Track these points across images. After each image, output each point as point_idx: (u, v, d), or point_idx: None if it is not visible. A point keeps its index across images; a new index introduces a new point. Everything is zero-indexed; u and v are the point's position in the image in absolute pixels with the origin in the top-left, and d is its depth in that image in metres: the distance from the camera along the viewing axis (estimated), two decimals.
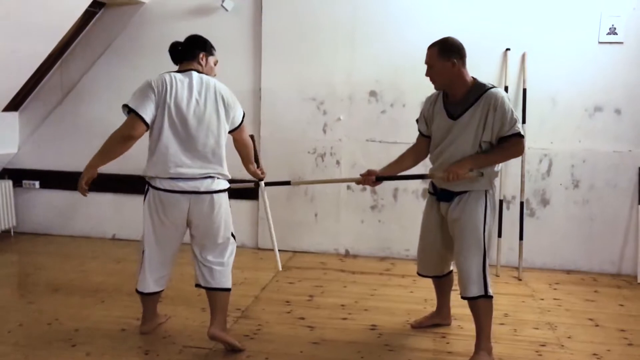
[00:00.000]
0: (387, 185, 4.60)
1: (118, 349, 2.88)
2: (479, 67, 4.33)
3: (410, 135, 4.44)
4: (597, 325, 3.34)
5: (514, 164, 4.36)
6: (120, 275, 4.04)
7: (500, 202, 4.36)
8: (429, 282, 4.02)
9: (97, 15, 4.77)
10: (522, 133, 2.64)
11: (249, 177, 3.33)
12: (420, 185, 4.54)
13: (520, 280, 4.15)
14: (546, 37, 4.28)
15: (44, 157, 5.07)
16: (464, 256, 2.72)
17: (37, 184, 5.10)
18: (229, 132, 2.86)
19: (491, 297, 2.75)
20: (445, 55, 2.67)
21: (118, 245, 4.87)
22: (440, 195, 2.87)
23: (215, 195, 2.77)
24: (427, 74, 2.79)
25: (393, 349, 2.97)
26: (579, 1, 4.21)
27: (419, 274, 3.15)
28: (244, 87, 4.68)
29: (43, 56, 4.24)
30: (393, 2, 4.44)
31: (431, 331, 3.19)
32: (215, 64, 2.93)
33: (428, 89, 4.38)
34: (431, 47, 2.75)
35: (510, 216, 4.39)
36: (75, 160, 5.02)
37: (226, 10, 4.55)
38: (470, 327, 3.24)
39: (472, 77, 2.75)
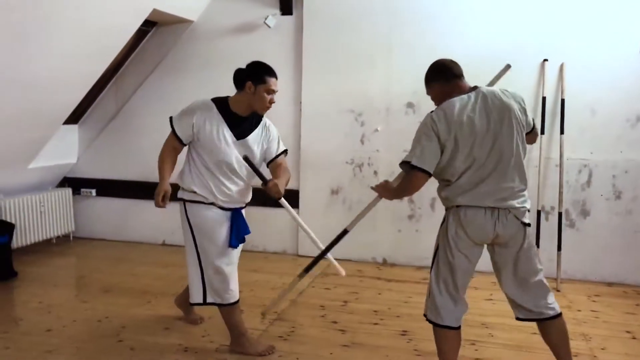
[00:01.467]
0: (425, 195, 4.66)
1: (160, 345, 3.09)
2: (517, 78, 4.36)
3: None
4: (634, 338, 3.29)
5: (552, 174, 4.35)
6: (167, 279, 4.27)
7: (539, 212, 4.35)
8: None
9: (149, 34, 5.09)
10: (413, 163, 2.41)
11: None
12: None
13: (558, 291, 4.10)
14: (585, 47, 4.25)
15: (100, 166, 5.42)
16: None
17: (93, 192, 5.45)
18: None
19: (433, 323, 2.55)
20: (426, 84, 2.65)
21: (167, 251, 5.13)
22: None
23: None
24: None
25: (421, 354, 3.04)
26: (618, 10, 4.16)
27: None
28: (285, 100, 4.86)
29: (99, 73, 4.55)
30: (429, 15, 4.52)
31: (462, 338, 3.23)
32: (268, 92, 2.80)
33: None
34: None
35: (549, 227, 4.36)
36: (128, 169, 5.38)
37: (269, 27, 4.76)
38: (500, 335, 3.30)
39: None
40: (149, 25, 4.96)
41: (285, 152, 3.10)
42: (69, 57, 4.04)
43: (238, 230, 2.97)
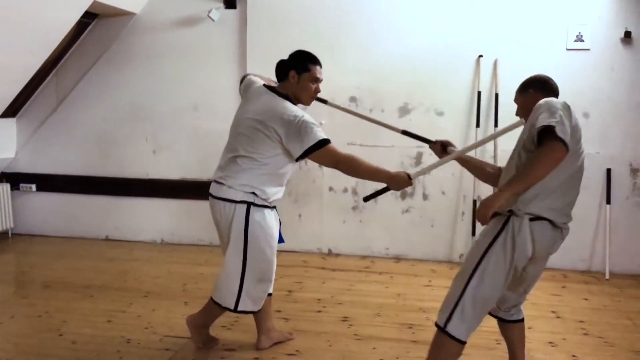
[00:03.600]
0: (368, 187, 4.79)
1: (102, 338, 3.08)
2: (454, 72, 4.59)
3: (389, 138, 4.70)
4: (558, 317, 3.52)
5: None
6: (110, 273, 4.24)
7: (474, 202, 4.55)
8: (405, 279, 4.27)
9: (90, 26, 5.00)
10: (558, 134, 2.05)
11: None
12: None
13: None
14: (517, 44, 4.47)
15: (40, 161, 5.29)
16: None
17: (33, 187, 5.31)
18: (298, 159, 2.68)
19: (450, 336, 2.28)
20: (523, 89, 2.54)
21: (110, 245, 5.07)
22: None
23: (220, 202, 2.70)
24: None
25: (361, 338, 3.16)
26: (547, 10, 4.41)
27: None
28: (229, 94, 4.89)
29: (38, 65, 4.45)
30: (372, 12, 4.64)
31: (399, 322, 3.38)
32: (312, 81, 2.75)
33: (405, 94, 4.67)
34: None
35: None
36: (69, 164, 5.28)
37: (212, 20, 4.77)
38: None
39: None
40: (90, 17, 4.87)
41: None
42: (4, 49, 3.93)
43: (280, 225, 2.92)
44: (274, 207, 2.81)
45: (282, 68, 2.77)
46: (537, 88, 2.49)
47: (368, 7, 4.66)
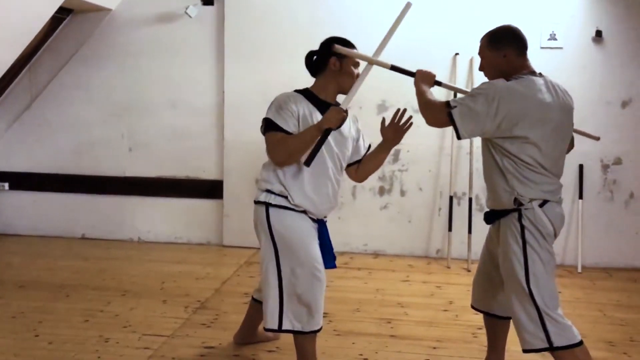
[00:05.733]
0: (346, 184, 4.81)
1: (80, 337, 3.04)
2: (431, 70, 4.62)
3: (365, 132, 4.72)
4: None
5: (463, 162, 4.64)
6: (87, 272, 4.19)
7: (451, 198, 4.62)
8: (383, 274, 4.32)
9: (64, 22, 4.92)
10: (450, 103, 2.24)
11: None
12: (377, 183, 4.77)
13: (469, 271, 4.40)
14: None
15: (13, 159, 5.20)
16: (510, 303, 2.27)
17: (6, 185, 5.21)
18: None
19: (564, 348, 2.16)
20: (494, 45, 2.35)
21: (87, 244, 5.01)
22: (485, 215, 2.45)
23: (254, 205, 2.55)
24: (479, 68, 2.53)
25: (340, 333, 3.19)
26: (522, 9, 4.49)
27: (472, 306, 2.68)
28: (207, 91, 4.88)
29: (11, 61, 4.37)
30: (349, 9, 4.67)
31: (378, 317, 3.42)
32: (355, 65, 2.56)
33: (383, 92, 4.71)
34: (482, 38, 2.45)
35: (461, 211, 4.65)
36: (43, 162, 5.19)
37: (190, 17, 4.73)
38: (414, 313, 3.49)
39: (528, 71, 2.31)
40: (65, 12, 4.80)
41: (370, 147, 2.79)
42: None
43: (330, 246, 2.68)
44: (303, 211, 2.50)
45: (318, 59, 2.56)
46: (514, 48, 2.30)
47: (344, 5, 4.68)
